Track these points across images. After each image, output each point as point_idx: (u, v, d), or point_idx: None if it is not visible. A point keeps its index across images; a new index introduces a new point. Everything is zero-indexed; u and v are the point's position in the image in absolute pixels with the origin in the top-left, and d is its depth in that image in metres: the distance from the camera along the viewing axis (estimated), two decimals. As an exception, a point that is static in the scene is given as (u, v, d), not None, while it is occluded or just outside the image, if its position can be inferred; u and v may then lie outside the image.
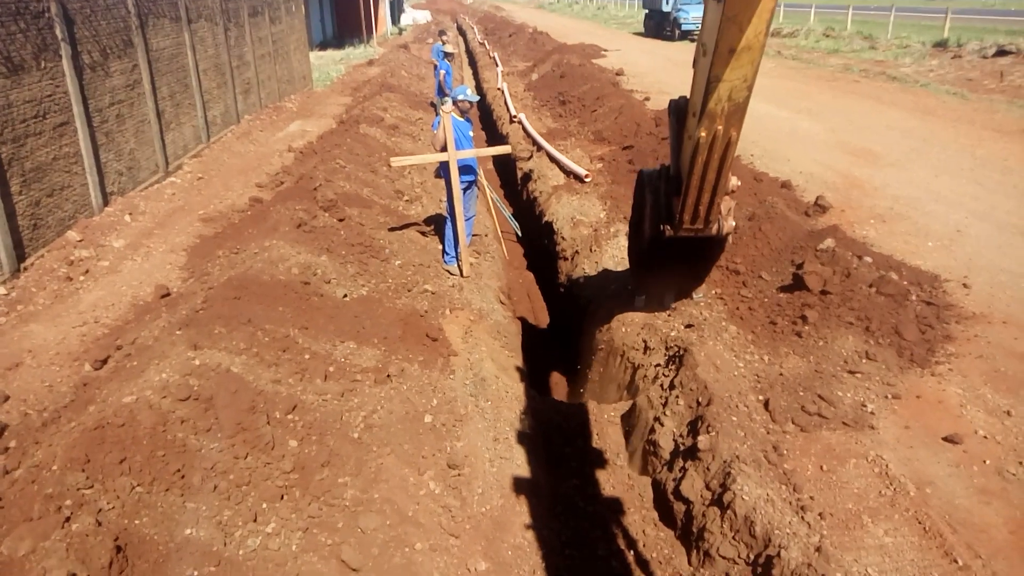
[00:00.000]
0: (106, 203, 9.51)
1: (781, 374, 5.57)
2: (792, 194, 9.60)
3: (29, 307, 6.98)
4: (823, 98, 17.16)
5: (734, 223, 5.75)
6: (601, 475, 5.56)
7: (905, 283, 6.42)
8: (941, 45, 22.49)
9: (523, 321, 9.66)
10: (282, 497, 4.11)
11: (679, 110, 5.52)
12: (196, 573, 3.46)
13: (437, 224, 9.05)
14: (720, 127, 4.82)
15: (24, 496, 3.67)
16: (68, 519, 3.47)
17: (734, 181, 5.56)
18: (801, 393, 5.30)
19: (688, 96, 5.34)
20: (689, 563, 4.60)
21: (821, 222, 8.40)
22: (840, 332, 5.84)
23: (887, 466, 4.56)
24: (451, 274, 8.10)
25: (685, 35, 32.75)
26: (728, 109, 4.75)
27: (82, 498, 3.63)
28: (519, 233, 11.83)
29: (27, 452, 4.31)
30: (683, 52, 28.81)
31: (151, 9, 11.30)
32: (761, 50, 4.47)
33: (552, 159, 12.67)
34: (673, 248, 6.18)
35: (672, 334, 6.60)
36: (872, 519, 4.19)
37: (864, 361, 5.58)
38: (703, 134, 4.84)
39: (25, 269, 7.61)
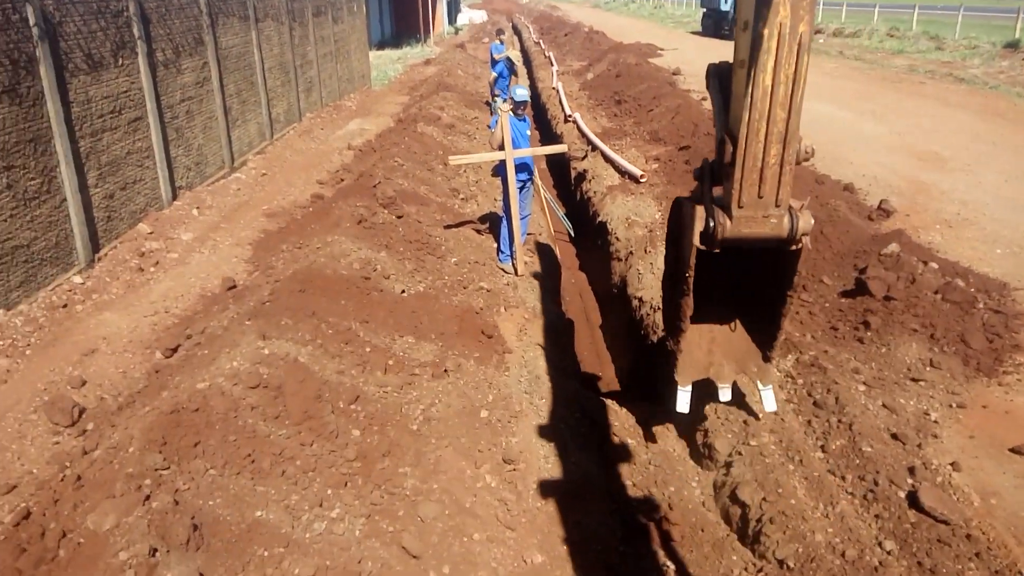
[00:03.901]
0: (175, 197, 9.86)
1: (836, 382, 5.49)
2: (855, 197, 9.43)
3: (104, 296, 7.30)
4: (887, 100, 16.74)
5: (812, 220, 4.28)
6: (656, 475, 5.56)
7: (972, 290, 6.27)
8: (1012, 46, 21.76)
9: (575, 321, 9.69)
10: (346, 484, 4.24)
11: (720, 72, 4.48)
12: (266, 553, 3.59)
13: (492, 222, 9.14)
14: (785, 16, 3.70)
15: (105, 475, 3.85)
16: (148, 497, 3.63)
17: (806, 144, 4.23)
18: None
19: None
20: (745, 565, 4.58)
21: (885, 226, 8.23)
22: (904, 339, 5.74)
23: (950, 475, 4.48)
24: (505, 272, 8.18)
25: (743, 35, 32.21)
26: None
27: (160, 478, 3.80)
28: (572, 233, 11.85)
29: (104, 434, 4.53)
30: (741, 52, 28.35)
31: (222, 8, 11.67)
32: None
33: (607, 159, 12.65)
34: (724, 276, 4.87)
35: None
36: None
37: (928, 369, 5.48)
38: (764, 30, 3.73)
39: (99, 259, 7.95)
